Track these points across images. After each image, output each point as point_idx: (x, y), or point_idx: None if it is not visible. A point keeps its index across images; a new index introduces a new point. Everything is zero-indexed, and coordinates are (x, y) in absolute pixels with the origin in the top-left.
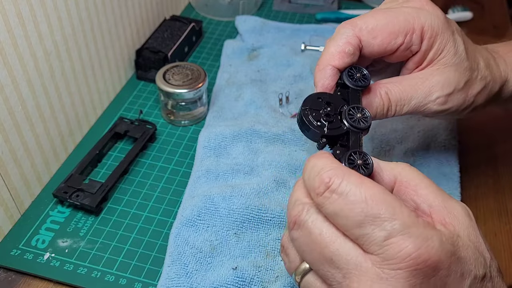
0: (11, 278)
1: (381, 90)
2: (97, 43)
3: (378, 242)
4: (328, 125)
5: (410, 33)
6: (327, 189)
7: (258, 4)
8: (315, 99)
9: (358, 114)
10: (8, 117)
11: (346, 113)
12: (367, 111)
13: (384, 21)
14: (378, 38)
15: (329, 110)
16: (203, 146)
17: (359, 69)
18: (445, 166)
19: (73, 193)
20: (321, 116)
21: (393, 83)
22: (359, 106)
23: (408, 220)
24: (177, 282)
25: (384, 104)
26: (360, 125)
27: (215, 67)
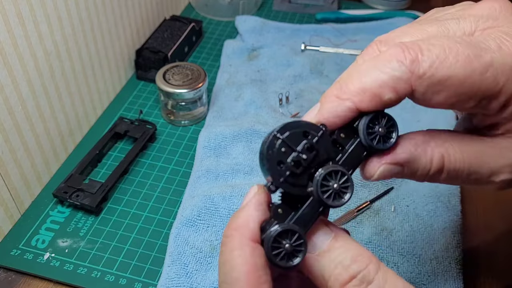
0: (11, 278)
1: (436, 150)
2: (97, 43)
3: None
4: (288, 176)
5: (492, 97)
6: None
7: (258, 4)
8: (300, 133)
9: (336, 184)
10: (8, 117)
11: (322, 174)
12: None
13: (463, 75)
14: (442, 94)
15: (304, 159)
16: (203, 146)
17: (387, 120)
18: None
19: (73, 193)
20: (287, 158)
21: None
22: (345, 174)
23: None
24: (177, 282)
25: (430, 171)
26: (329, 200)
27: (215, 67)
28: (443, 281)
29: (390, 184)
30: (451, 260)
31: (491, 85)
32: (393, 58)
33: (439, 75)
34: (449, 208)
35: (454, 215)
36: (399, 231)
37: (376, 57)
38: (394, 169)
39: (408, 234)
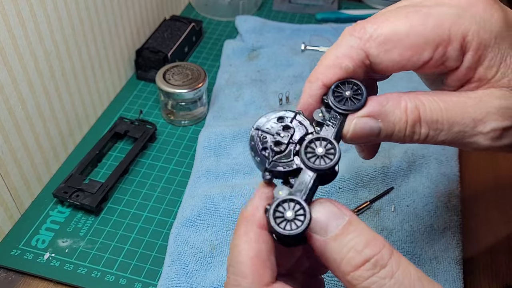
0: (11, 278)
1: (409, 101)
2: (97, 43)
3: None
4: (273, 157)
5: (443, 45)
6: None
7: (258, 4)
8: (274, 119)
9: (321, 148)
10: (8, 117)
11: (304, 146)
12: (336, 147)
13: (405, 28)
14: (393, 52)
15: (281, 136)
16: (203, 146)
17: (353, 84)
18: (445, 166)
19: (73, 193)
20: (267, 140)
21: (430, 96)
22: (326, 138)
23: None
24: (177, 282)
25: (407, 122)
26: (316, 164)
27: (215, 67)
28: (443, 281)
29: (390, 184)
30: (451, 260)
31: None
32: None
33: (384, 33)
34: (449, 208)
35: (454, 215)
36: (399, 231)
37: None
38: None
39: (408, 234)
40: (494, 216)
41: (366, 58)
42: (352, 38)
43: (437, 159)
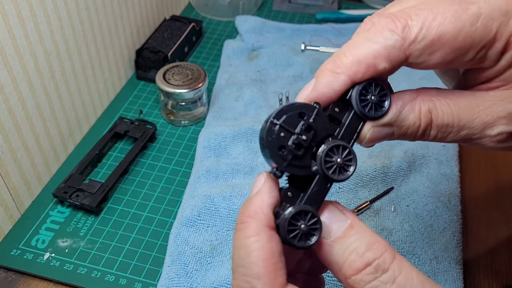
0: (11, 278)
1: (423, 105)
2: (97, 43)
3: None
4: (291, 159)
5: (488, 46)
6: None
7: (258, 4)
8: (296, 114)
9: (339, 158)
10: (8, 117)
11: (325, 151)
12: (355, 156)
13: (454, 30)
14: (438, 54)
15: (303, 139)
16: (203, 146)
17: (380, 88)
18: (445, 166)
19: (73, 193)
20: (288, 141)
21: (443, 100)
22: (346, 147)
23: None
24: (177, 282)
25: (420, 126)
26: (335, 175)
27: (215, 67)
28: (443, 281)
29: (390, 184)
30: (451, 260)
31: (484, 33)
32: (385, 28)
33: (431, 36)
34: (449, 208)
35: (454, 215)
36: (399, 231)
37: (368, 29)
38: (384, 130)
39: (408, 234)
40: (494, 216)
41: (405, 60)
42: (394, 37)
43: (437, 159)
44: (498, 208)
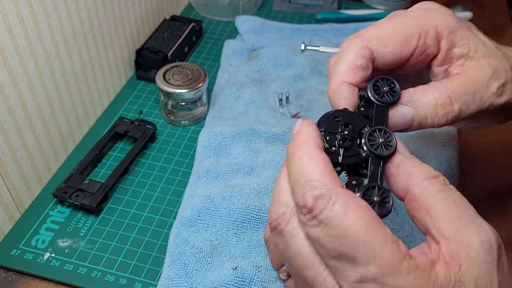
0: (11, 278)
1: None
2: (97, 43)
3: (349, 281)
4: (343, 151)
5: (423, 35)
6: (309, 213)
7: (258, 4)
8: (332, 119)
9: (381, 138)
10: (8, 117)
11: (366, 137)
12: (392, 135)
13: (393, 28)
14: (390, 46)
15: (346, 134)
16: (203, 146)
17: (387, 80)
18: (445, 166)
19: (73, 193)
20: (336, 140)
21: (448, 81)
22: (382, 128)
23: (387, 267)
24: (177, 282)
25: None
26: (381, 152)
27: (215, 67)
28: None
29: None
30: None
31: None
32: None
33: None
34: None
35: None
36: (399, 231)
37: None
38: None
39: (408, 234)
40: (494, 216)
41: (372, 54)
42: (354, 44)
43: (437, 159)
44: (498, 208)
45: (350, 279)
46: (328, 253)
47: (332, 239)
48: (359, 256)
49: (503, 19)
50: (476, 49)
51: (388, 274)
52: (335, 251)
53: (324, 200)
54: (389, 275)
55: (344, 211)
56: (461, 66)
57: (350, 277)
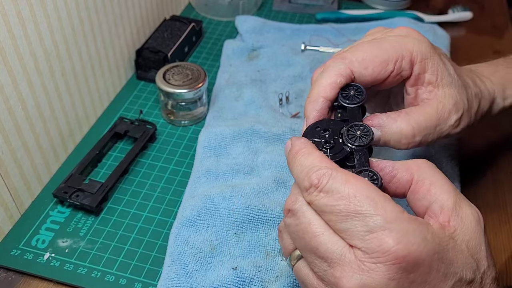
0: (11, 278)
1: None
2: (97, 43)
3: (360, 236)
4: (329, 151)
5: (400, 60)
6: (316, 189)
7: (258, 4)
8: (314, 129)
9: (358, 131)
10: (8, 117)
11: (345, 133)
12: (367, 126)
13: (373, 52)
14: (369, 68)
15: (327, 137)
16: (203, 146)
17: (352, 86)
18: (445, 166)
19: (73, 193)
20: (321, 144)
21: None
22: (357, 123)
23: (391, 216)
24: (177, 282)
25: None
26: (361, 141)
27: (215, 67)
28: None
29: None
30: None
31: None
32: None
33: (361, 57)
34: None
35: None
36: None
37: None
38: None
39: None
40: (494, 216)
41: (352, 74)
42: (337, 63)
43: (437, 159)
44: (498, 208)
45: (360, 233)
46: (336, 217)
47: (339, 201)
48: (365, 209)
49: (503, 19)
50: (442, 77)
51: (393, 222)
52: (342, 212)
53: (326, 175)
54: (394, 222)
55: (345, 179)
56: (429, 92)
57: (360, 231)
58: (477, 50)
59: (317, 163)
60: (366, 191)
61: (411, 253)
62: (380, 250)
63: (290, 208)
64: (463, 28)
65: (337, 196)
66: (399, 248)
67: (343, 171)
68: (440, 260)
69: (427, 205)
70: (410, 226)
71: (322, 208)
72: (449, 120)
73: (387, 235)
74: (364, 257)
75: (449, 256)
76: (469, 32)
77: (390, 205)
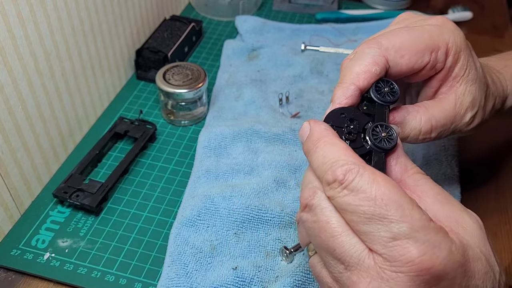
0: (11, 278)
1: (423, 115)
2: (97, 43)
3: (382, 242)
4: (349, 144)
5: (436, 50)
6: (340, 185)
7: (258, 4)
8: (338, 115)
9: (383, 133)
10: (8, 117)
11: (370, 132)
12: (393, 129)
13: (410, 40)
14: (406, 57)
15: (352, 128)
16: (203, 146)
17: (388, 82)
18: (445, 166)
19: (73, 193)
20: (343, 134)
21: (435, 107)
22: (383, 124)
23: (418, 224)
24: (177, 282)
25: (420, 131)
26: (384, 145)
27: (215, 67)
28: None
29: None
30: None
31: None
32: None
33: (397, 44)
34: None
35: None
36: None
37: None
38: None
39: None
40: (494, 216)
41: (387, 63)
42: (372, 50)
43: (437, 159)
44: (498, 208)
45: (383, 239)
46: (359, 218)
47: (363, 202)
48: (390, 214)
49: (503, 19)
50: (469, 72)
51: (419, 231)
52: (366, 213)
53: (353, 172)
54: (421, 231)
55: (373, 179)
56: (450, 87)
57: (383, 237)
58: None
59: (343, 156)
60: (395, 194)
61: (436, 266)
62: (403, 260)
63: (307, 202)
64: (463, 28)
65: (362, 195)
66: (423, 260)
67: (370, 168)
68: (463, 273)
69: None
70: (437, 237)
71: (344, 206)
72: (464, 118)
73: (412, 244)
74: (384, 265)
75: (471, 267)
76: (469, 32)
77: (418, 212)
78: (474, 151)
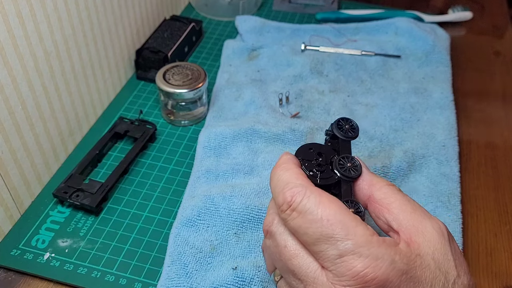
0: (11, 278)
1: None
2: (97, 43)
3: (331, 259)
4: (320, 175)
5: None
6: (289, 207)
7: (258, 4)
8: (307, 150)
9: (348, 163)
10: (8, 117)
11: (336, 163)
12: (357, 160)
13: None
14: None
15: (320, 160)
16: (203, 146)
17: (347, 120)
18: (445, 166)
19: (73, 193)
20: (313, 166)
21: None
22: (348, 156)
23: (361, 240)
24: (177, 282)
25: None
26: (350, 174)
27: (215, 67)
28: None
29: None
30: None
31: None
32: None
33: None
34: (449, 208)
35: (454, 215)
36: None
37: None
38: None
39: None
40: (494, 216)
41: None
42: None
43: (437, 159)
44: (498, 208)
45: (332, 257)
46: (309, 239)
47: (311, 224)
48: (336, 233)
49: (503, 19)
50: None
51: (363, 246)
52: (314, 234)
53: (300, 194)
54: (364, 246)
55: (319, 200)
56: None
57: (331, 255)
58: (477, 50)
59: (293, 179)
60: (339, 214)
61: (379, 276)
62: (350, 274)
63: (267, 229)
64: (463, 28)
65: (310, 217)
66: (367, 272)
67: (317, 190)
68: (408, 280)
69: (387, 223)
70: (379, 250)
71: (295, 229)
72: None
73: (356, 259)
74: (334, 280)
75: (417, 274)
76: (469, 32)
77: (361, 229)
78: (474, 151)
